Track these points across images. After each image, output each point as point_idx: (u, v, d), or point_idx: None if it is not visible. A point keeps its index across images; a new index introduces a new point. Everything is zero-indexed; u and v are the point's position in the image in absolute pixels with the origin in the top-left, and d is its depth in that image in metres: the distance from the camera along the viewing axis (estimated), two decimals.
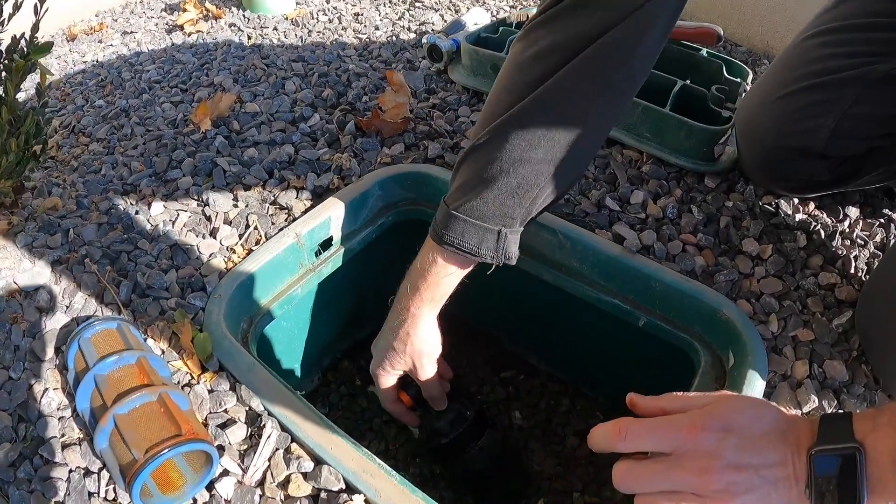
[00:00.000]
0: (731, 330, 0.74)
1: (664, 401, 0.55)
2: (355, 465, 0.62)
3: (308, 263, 0.91)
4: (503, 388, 1.09)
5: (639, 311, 0.81)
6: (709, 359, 0.75)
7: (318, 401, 1.09)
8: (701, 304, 0.76)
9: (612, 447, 0.52)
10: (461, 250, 0.70)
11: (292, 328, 1.00)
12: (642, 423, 0.52)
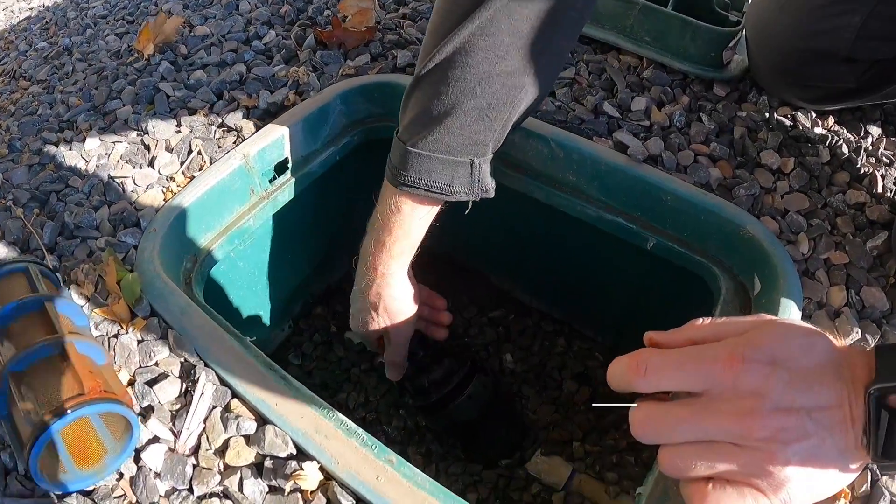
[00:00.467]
0: (758, 250, 0.62)
1: (691, 330, 0.43)
2: (306, 425, 0.50)
3: (261, 190, 0.78)
4: (492, 329, 0.97)
5: (646, 232, 0.68)
6: (730, 286, 0.63)
7: (291, 351, 0.97)
8: (721, 220, 0.64)
9: (630, 386, 0.40)
10: (430, 191, 0.59)
11: (251, 269, 0.87)
12: (666, 356, 0.40)
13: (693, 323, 0.43)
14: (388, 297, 0.68)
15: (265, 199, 0.78)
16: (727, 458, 0.39)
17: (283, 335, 0.99)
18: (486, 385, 0.80)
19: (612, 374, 0.42)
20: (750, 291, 0.62)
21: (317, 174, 0.82)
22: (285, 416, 0.50)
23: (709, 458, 0.39)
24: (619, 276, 0.80)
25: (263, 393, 0.52)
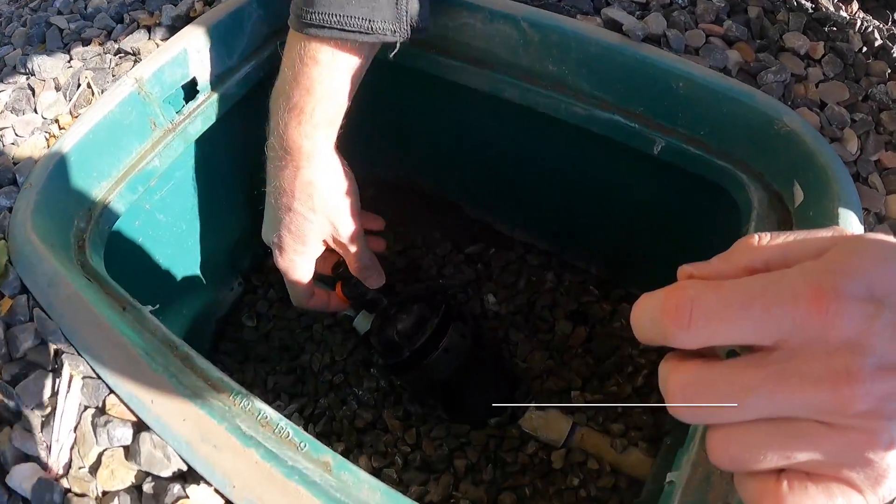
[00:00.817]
0: (799, 149, 0.47)
1: (746, 252, 0.27)
2: (189, 430, 0.36)
3: (165, 121, 0.61)
4: (470, 267, 0.83)
5: (652, 132, 0.53)
6: (763, 196, 0.48)
7: (244, 312, 0.83)
8: (750, 112, 0.49)
9: (666, 338, 0.25)
10: (345, 31, 0.47)
11: (175, 222, 0.72)
12: (723, 292, 0.25)
13: (747, 242, 0.27)
14: (320, 181, 0.54)
15: (171, 133, 0.62)
16: (810, 442, 0.24)
17: (233, 295, 0.84)
18: (465, 334, 0.67)
19: (640, 318, 0.26)
20: (788, 203, 0.48)
21: (237, 96, 0.66)
22: (162, 417, 0.37)
23: (784, 444, 0.25)
24: (618, 193, 0.65)
25: (136, 385, 0.38)
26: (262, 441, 0.36)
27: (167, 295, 0.75)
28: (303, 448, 0.38)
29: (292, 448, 0.38)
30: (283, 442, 0.38)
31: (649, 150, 0.53)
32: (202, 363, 0.43)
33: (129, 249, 0.67)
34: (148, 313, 0.48)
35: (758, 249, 0.27)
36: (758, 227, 0.46)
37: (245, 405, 0.40)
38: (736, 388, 0.25)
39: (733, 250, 0.28)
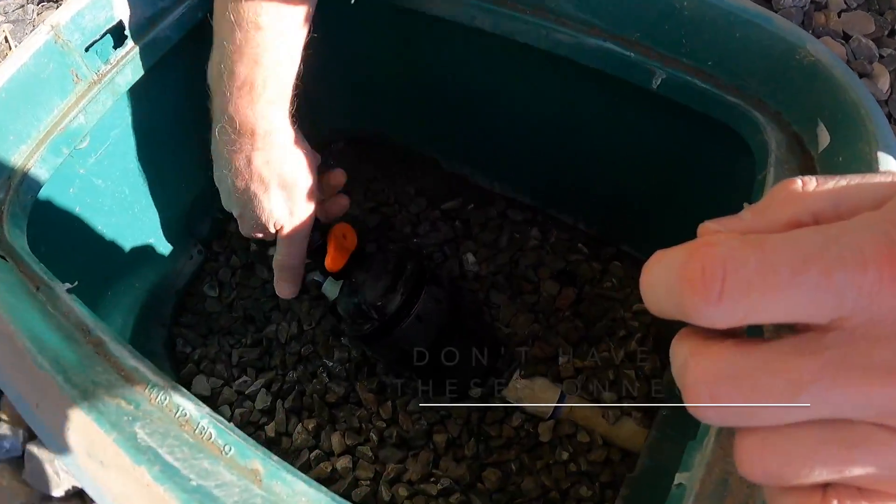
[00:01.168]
0: (825, 84, 0.40)
1: (789, 202, 0.20)
2: (77, 442, 0.31)
3: (88, 73, 0.53)
4: (447, 224, 0.75)
5: (651, 61, 0.45)
6: (781, 139, 0.41)
7: (206, 281, 0.75)
8: (766, 39, 0.41)
9: (687, 312, 0.18)
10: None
11: (117, 187, 0.63)
12: (765, 250, 0.17)
13: (789, 189, 0.20)
14: (281, 162, 0.48)
15: (97, 85, 0.53)
16: (870, 452, 0.18)
17: (192, 264, 0.76)
18: (440, 299, 0.60)
19: (652, 284, 0.19)
20: (811, 147, 0.40)
21: (172, 41, 0.57)
22: (47, 424, 0.29)
23: (839, 454, 0.18)
24: (610, 138, 0.57)
25: (23, 384, 0.31)
26: (161, 453, 0.29)
27: (116, 268, 0.67)
28: (227, 452, 0.31)
29: (215, 452, 0.31)
30: (204, 445, 0.31)
31: (647, 84, 0.45)
32: (117, 350, 0.36)
33: (64, 220, 0.59)
34: (63, 293, 0.41)
35: (803, 197, 0.19)
36: (777, 174, 0.39)
37: (162, 401, 0.33)
38: (782, 382, 0.18)
39: (772, 199, 0.20)
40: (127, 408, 0.31)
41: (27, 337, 0.33)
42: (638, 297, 0.69)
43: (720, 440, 0.32)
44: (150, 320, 0.71)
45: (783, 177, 0.39)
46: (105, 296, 0.66)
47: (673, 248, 0.19)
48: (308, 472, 0.64)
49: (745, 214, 0.21)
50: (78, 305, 0.41)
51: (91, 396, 0.30)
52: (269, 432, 0.66)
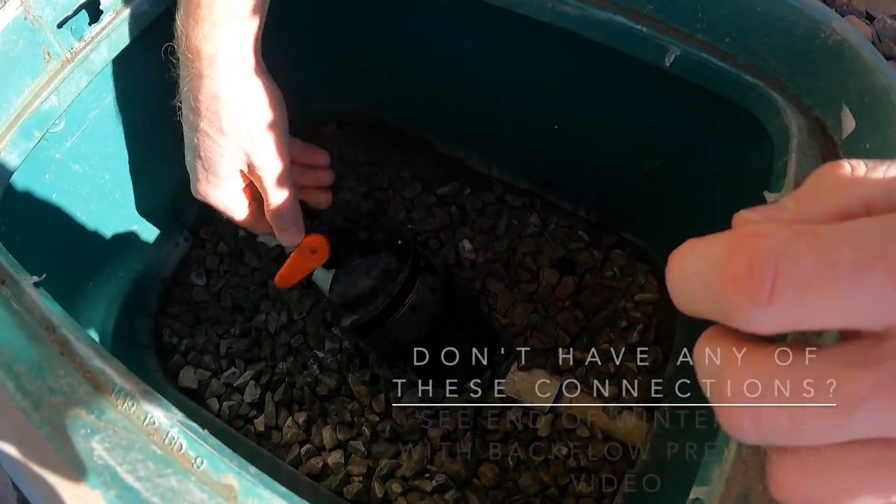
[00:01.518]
0: (851, 65, 0.36)
1: (840, 190, 0.17)
2: (25, 459, 0.27)
3: (61, 51, 0.49)
4: (443, 210, 0.72)
5: (664, 37, 0.41)
6: (802, 123, 0.37)
7: (193, 269, 0.72)
8: (790, 15, 0.37)
9: (728, 315, 0.15)
10: None
11: (96, 172, 0.60)
12: (823, 245, 0.14)
13: (837, 174, 0.16)
14: (231, 95, 0.43)
15: (70, 64, 0.49)
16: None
17: (179, 251, 0.73)
18: (435, 288, 0.57)
19: (684, 278, 0.17)
20: (833, 133, 0.37)
21: (151, 15, 0.53)
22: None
23: (886, 482, 0.16)
24: (616, 119, 0.53)
25: None
26: (120, 473, 0.26)
27: (97, 257, 0.64)
28: (199, 465, 0.28)
29: (185, 466, 0.28)
30: (174, 457, 0.28)
31: (659, 62, 0.42)
32: (82, 350, 0.32)
33: (40, 208, 0.56)
34: (29, 287, 0.37)
35: (854, 183, 0.17)
36: (800, 160, 0.35)
37: (128, 407, 0.30)
38: (837, 397, 0.15)
39: (818, 185, 0.17)
40: (86, 418, 0.28)
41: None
42: (640, 287, 0.66)
43: (741, 453, 0.29)
44: (134, 311, 0.68)
45: (806, 164, 0.36)
46: (86, 287, 0.63)
47: (711, 238, 0.16)
48: (299, 467, 0.61)
49: (789, 203, 0.18)
50: (45, 300, 0.37)
51: (45, 407, 0.27)
52: (259, 426, 0.63)
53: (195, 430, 0.30)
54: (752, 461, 0.29)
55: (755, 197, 0.44)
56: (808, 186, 0.18)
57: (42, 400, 0.28)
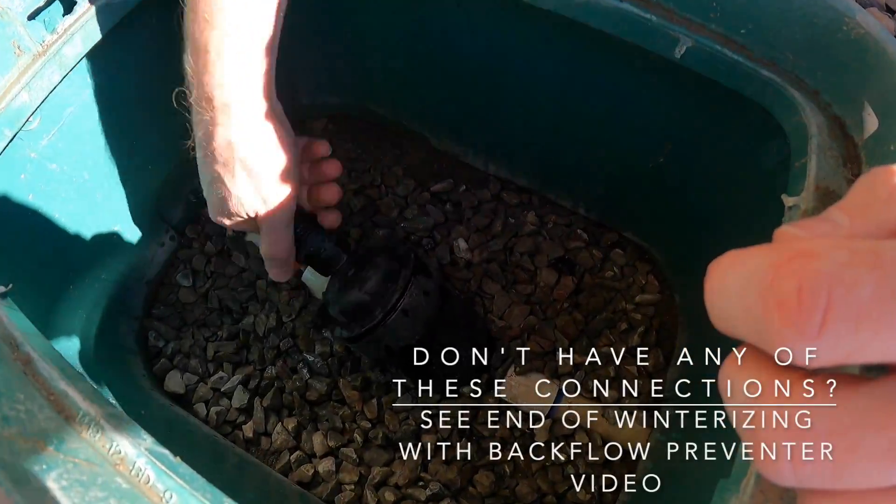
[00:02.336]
0: (875, 61, 0.33)
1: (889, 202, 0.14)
2: None
3: (32, 44, 0.46)
4: (437, 207, 0.69)
5: (675, 27, 0.38)
6: (822, 122, 0.34)
7: (179, 269, 0.68)
8: (809, 4, 0.34)
9: (770, 342, 0.13)
10: None
11: (73, 171, 0.57)
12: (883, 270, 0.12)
13: (890, 181, 0.14)
14: (247, 143, 0.42)
15: (41, 57, 0.46)
16: None
17: (164, 251, 0.69)
18: (429, 291, 0.54)
19: (724, 295, 0.15)
20: (854, 132, 0.34)
21: (128, 6, 0.50)
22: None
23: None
24: (618, 112, 0.50)
25: None
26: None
27: (79, 259, 0.60)
28: (168, 499, 0.25)
29: (153, 500, 0.25)
30: (141, 491, 0.25)
31: (668, 54, 0.38)
32: (46, 370, 0.29)
33: (15, 210, 0.53)
34: None
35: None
36: (820, 162, 0.32)
37: (93, 435, 0.27)
38: (886, 442, 0.13)
39: (873, 196, 0.15)
40: (44, 450, 0.25)
41: None
42: (640, 288, 0.63)
43: (760, 483, 0.26)
44: (119, 313, 0.65)
45: (827, 165, 0.33)
46: (66, 291, 0.59)
47: (755, 250, 0.14)
48: (289, 474, 0.59)
49: (840, 217, 0.15)
50: (9, 313, 0.34)
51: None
52: (248, 432, 0.61)
53: (164, 459, 0.27)
54: (772, 493, 0.27)
55: (762, 197, 0.41)
56: (859, 196, 0.15)
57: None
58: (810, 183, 0.31)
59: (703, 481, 0.34)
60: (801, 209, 0.30)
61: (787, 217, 0.31)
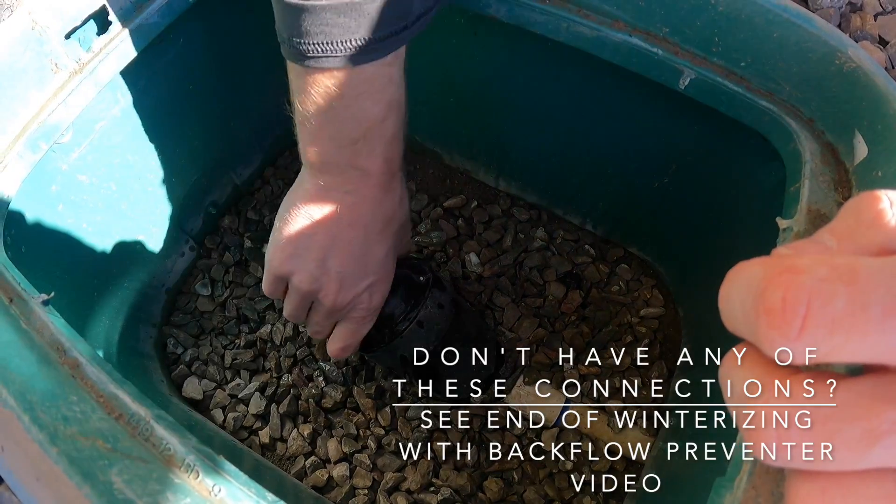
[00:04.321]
0: (865, 92, 0.36)
1: (880, 227, 0.16)
2: (45, 496, 0.28)
3: (69, 62, 0.49)
4: (450, 223, 0.71)
5: (680, 60, 0.41)
6: (816, 148, 0.37)
7: (198, 279, 0.71)
8: (806, 41, 0.37)
9: (759, 341, 0.16)
10: (354, 56, 0.39)
11: (102, 182, 0.60)
12: (857, 286, 0.15)
13: (877, 209, 0.17)
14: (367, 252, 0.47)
15: (77, 75, 0.49)
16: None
17: (184, 261, 0.72)
18: (443, 303, 0.57)
19: (729, 300, 0.17)
20: (846, 158, 0.37)
21: (160, 26, 0.53)
22: (14, 471, 0.27)
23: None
24: (625, 136, 0.53)
25: None
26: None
27: (103, 268, 0.63)
28: (217, 494, 0.28)
29: (203, 494, 0.28)
30: (191, 486, 0.28)
31: (673, 85, 0.41)
32: (94, 373, 0.32)
33: (46, 220, 0.56)
34: (38, 306, 0.37)
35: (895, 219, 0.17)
36: (812, 186, 0.35)
37: (144, 434, 0.29)
38: (859, 431, 0.16)
39: (858, 220, 0.17)
40: (103, 448, 0.27)
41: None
42: (645, 302, 0.66)
43: (753, 480, 0.29)
44: (139, 320, 0.67)
45: (819, 190, 0.36)
46: (92, 297, 0.62)
47: (753, 263, 0.16)
48: (303, 479, 0.61)
49: (828, 240, 0.18)
50: (54, 320, 0.37)
51: (61, 438, 0.27)
52: (264, 438, 0.63)
53: (210, 457, 0.29)
54: (764, 489, 0.29)
55: (762, 216, 0.43)
56: (845, 221, 0.18)
57: (58, 431, 0.27)
58: (803, 206, 0.34)
59: (702, 483, 0.37)
60: (794, 231, 0.33)
61: (781, 238, 0.34)
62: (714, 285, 0.18)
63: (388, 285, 0.52)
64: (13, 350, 0.32)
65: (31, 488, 0.25)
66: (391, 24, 0.38)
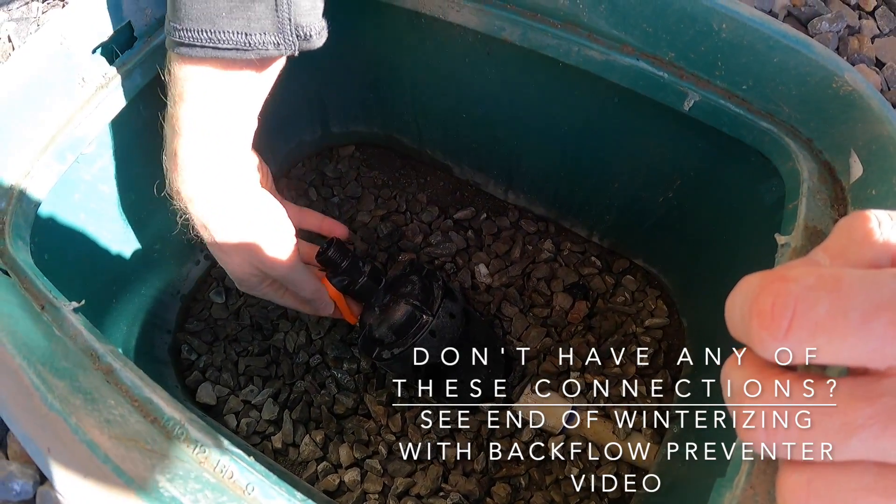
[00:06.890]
0: (861, 114, 0.38)
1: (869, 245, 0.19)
2: (92, 495, 0.28)
3: (96, 76, 0.51)
4: (459, 234, 0.74)
5: (685, 83, 0.43)
6: (813, 167, 0.39)
7: (212, 287, 0.73)
8: (805, 65, 0.39)
9: (751, 342, 0.19)
10: (219, 49, 0.40)
11: (122, 192, 0.61)
12: (839, 293, 0.17)
13: (866, 228, 0.19)
14: (222, 225, 0.49)
15: (104, 89, 0.51)
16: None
17: (199, 269, 0.74)
18: (454, 312, 0.59)
19: (731, 307, 0.20)
20: (842, 178, 0.39)
21: None
22: (60, 471, 0.28)
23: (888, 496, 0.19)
24: (632, 153, 0.55)
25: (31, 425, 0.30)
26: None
27: (122, 274, 0.65)
28: (250, 492, 0.30)
29: (237, 493, 0.30)
30: (226, 485, 0.30)
31: (678, 106, 0.44)
32: (128, 378, 0.34)
33: (68, 228, 0.58)
34: (70, 313, 0.39)
35: (884, 242, 0.19)
36: (809, 204, 0.37)
37: (179, 434, 0.31)
38: (836, 424, 0.18)
39: (849, 239, 0.19)
40: (145, 449, 0.29)
41: (34, 372, 0.32)
42: (650, 313, 0.68)
43: (751, 479, 0.31)
44: (155, 327, 0.70)
45: (816, 207, 0.38)
46: (110, 304, 0.64)
47: (755, 275, 0.19)
48: (315, 484, 0.63)
49: (822, 258, 0.20)
50: (85, 327, 0.39)
51: (106, 440, 0.29)
52: (276, 443, 0.65)
53: (242, 458, 0.31)
54: (761, 488, 0.31)
55: (762, 231, 0.46)
56: (838, 240, 0.20)
57: (102, 433, 0.29)
58: (801, 223, 0.36)
59: (705, 485, 0.39)
60: (791, 247, 0.35)
61: (779, 252, 0.36)
62: (716, 297, 0.20)
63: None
64: (51, 356, 0.34)
65: (82, 491, 0.27)
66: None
